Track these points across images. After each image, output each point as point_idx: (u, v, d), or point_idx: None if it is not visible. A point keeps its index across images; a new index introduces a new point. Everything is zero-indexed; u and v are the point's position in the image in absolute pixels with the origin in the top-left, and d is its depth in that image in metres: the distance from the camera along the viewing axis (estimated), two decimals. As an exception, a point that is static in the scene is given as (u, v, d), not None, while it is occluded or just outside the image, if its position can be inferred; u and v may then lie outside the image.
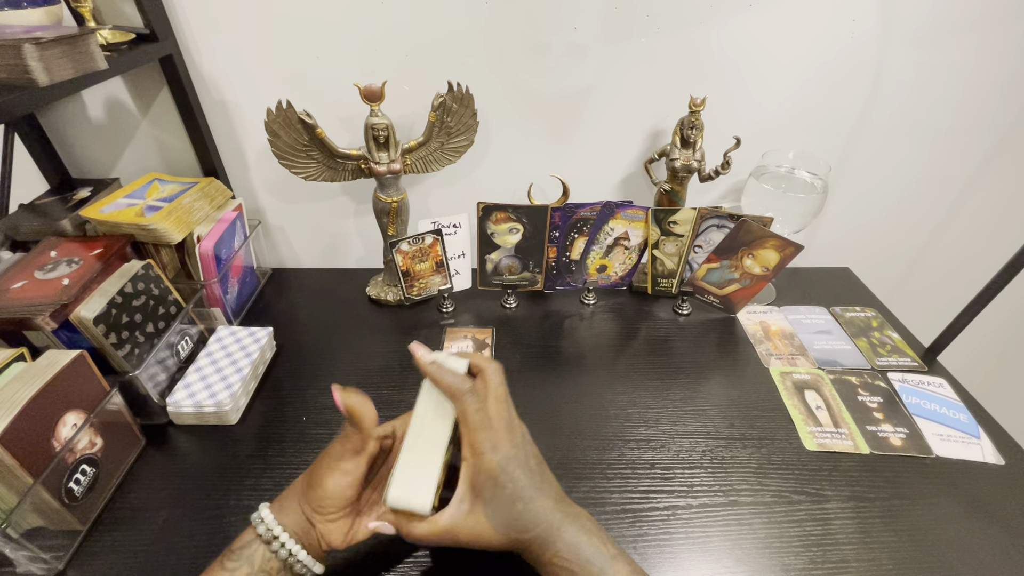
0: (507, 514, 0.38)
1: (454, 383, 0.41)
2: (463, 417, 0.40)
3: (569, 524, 0.38)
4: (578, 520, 0.39)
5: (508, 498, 0.38)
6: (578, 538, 0.38)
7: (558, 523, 0.38)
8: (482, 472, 0.39)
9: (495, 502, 0.38)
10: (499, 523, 0.38)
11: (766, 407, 0.63)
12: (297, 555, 0.38)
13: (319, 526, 0.41)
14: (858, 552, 0.48)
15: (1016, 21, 0.68)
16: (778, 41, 0.70)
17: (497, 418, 0.40)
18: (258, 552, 0.38)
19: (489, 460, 0.39)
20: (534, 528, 0.38)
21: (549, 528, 0.38)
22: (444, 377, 0.41)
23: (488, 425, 0.39)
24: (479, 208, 0.71)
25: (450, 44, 0.69)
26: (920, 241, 0.90)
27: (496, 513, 0.38)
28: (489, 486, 0.38)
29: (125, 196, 0.68)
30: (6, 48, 0.45)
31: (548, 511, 0.39)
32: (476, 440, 0.39)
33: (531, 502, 0.38)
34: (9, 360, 0.48)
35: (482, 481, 0.38)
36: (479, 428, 0.39)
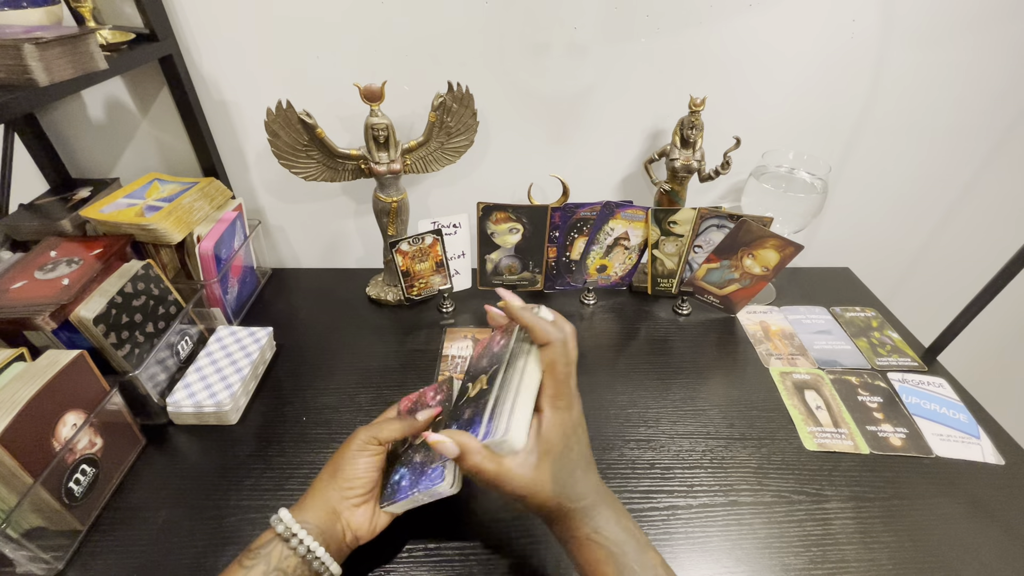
0: (568, 478, 0.38)
1: (550, 331, 0.38)
2: (552, 366, 0.38)
3: (609, 504, 0.38)
4: (616, 503, 0.39)
5: (572, 462, 0.38)
6: (617, 519, 0.38)
7: (601, 500, 0.38)
8: (560, 427, 0.38)
9: (562, 463, 0.37)
10: (560, 485, 0.37)
11: (766, 407, 0.63)
12: (315, 551, 0.39)
13: (345, 514, 0.42)
14: (858, 552, 0.48)
15: (1015, 21, 0.68)
16: (778, 41, 0.70)
17: (573, 380, 0.39)
18: (275, 551, 0.38)
19: (567, 417, 0.38)
20: (583, 499, 0.38)
21: (595, 503, 0.38)
22: (539, 322, 0.39)
23: (569, 381, 0.38)
24: (479, 208, 0.71)
25: (450, 44, 0.69)
26: (920, 241, 0.90)
27: (560, 474, 0.37)
28: (561, 444, 0.38)
29: (125, 196, 0.68)
30: (6, 48, 0.45)
31: (596, 486, 0.39)
32: (559, 394, 0.38)
33: (587, 472, 0.39)
34: (9, 360, 0.48)
35: (557, 436, 0.38)
36: (564, 382, 0.38)
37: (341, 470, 0.43)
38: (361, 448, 0.43)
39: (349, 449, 0.44)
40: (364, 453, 0.43)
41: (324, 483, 0.43)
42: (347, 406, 0.63)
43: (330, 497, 0.42)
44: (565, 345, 0.39)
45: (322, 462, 0.55)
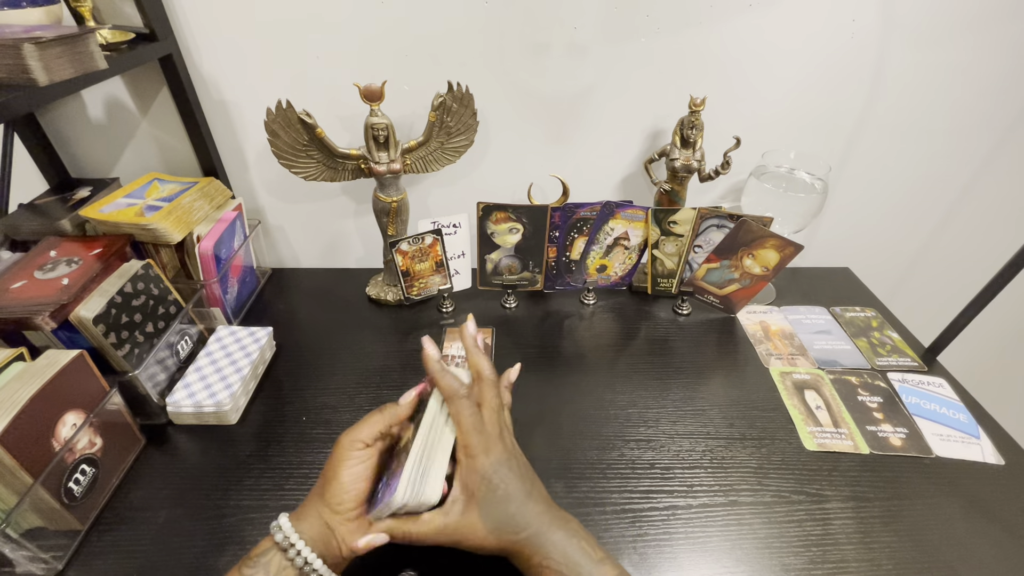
0: (500, 515, 0.39)
1: (451, 386, 0.42)
2: (457, 419, 0.41)
3: (558, 528, 0.39)
4: (567, 524, 0.40)
5: (500, 499, 0.39)
6: (567, 542, 0.39)
7: (547, 526, 0.39)
8: (476, 472, 0.40)
9: (488, 503, 0.39)
10: (492, 524, 0.39)
11: (766, 407, 0.63)
12: (312, 563, 0.38)
13: (339, 528, 0.41)
14: (858, 552, 0.48)
15: (1015, 21, 0.68)
16: (778, 40, 0.70)
17: (490, 424, 0.42)
18: (274, 560, 0.38)
19: (483, 462, 0.40)
20: (525, 530, 0.39)
21: (539, 531, 0.39)
22: (444, 378, 0.43)
23: (481, 429, 0.41)
24: (479, 208, 0.71)
25: (450, 44, 0.69)
26: (920, 241, 0.90)
27: (489, 514, 0.39)
28: (483, 487, 0.40)
29: (125, 196, 0.68)
30: (6, 48, 0.45)
31: (539, 514, 0.40)
32: (470, 443, 0.41)
33: (522, 505, 0.40)
34: (9, 360, 0.48)
35: (476, 481, 0.40)
36: (472, 431, 0.41)
37: (328, 486, 0.41)
38: (345, 456, 0.42)
39: (334, 458, 0.42)
40: (349, 461, 0.42)
41: (315, 499, 0.42)
42: (347, 406, 0.63)
43: (322, 512, 0.41)
44: (470, 399, 0.42)
45: (322, 462, 0.55)
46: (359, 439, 0.43)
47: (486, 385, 0.44)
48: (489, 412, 0.42)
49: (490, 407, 0.43)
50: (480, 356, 0.45)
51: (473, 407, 0.42)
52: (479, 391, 0.44)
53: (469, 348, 0.46)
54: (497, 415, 0.43)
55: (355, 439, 0.43)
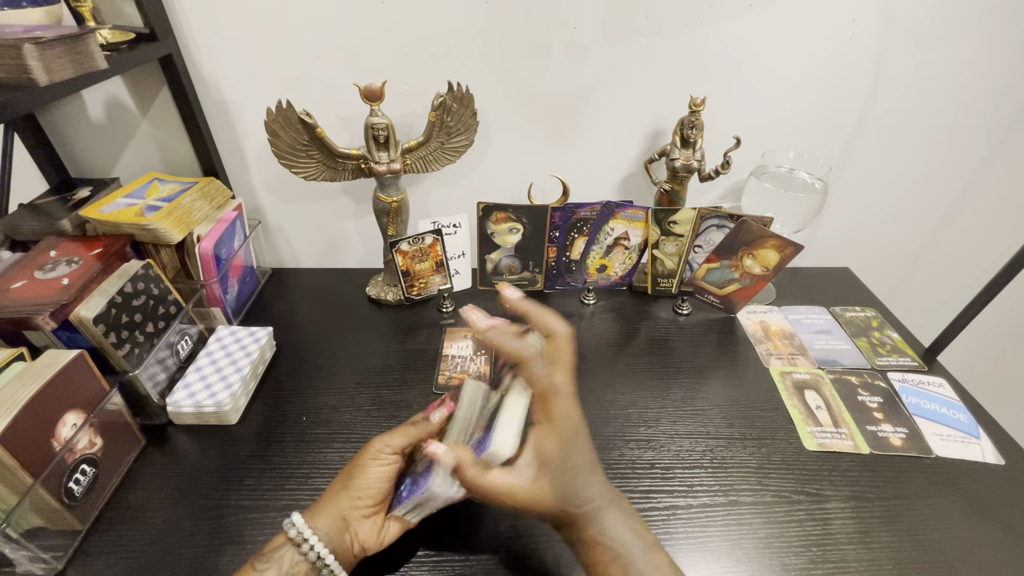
0: (570, 485, 0.37)
1: (519, 349, 0.38)
2: (532, 382, 0.38)
3: (616, 505, 0.38)
4: (623, 503, 0.39)
5: (573, 469, 0.38)
6: (624, 520, 0.38)
7: (608, 502, 0.38)
8: (555, 439, 0.37)
9: (562, 471, 0.37)
10: (561, 493, 0.37)
11: (766, 407, 0.63)
12: (325, 559, 0.39)
13: (354, 524, 0.42)
14: (858, 552, 0.48)
15: (1015, 21, 0.68)
16: (778, 40, 0.70)
17: (569, 385, 0.38)
18: (287, 556, 0.38)
19: (564, 428, 0.38)
20: (589, 503, 0.37)
21: (600, 505, 0.37)
22: (507, 343, 0.38)
23: (562, 391, 0.38)
24: (479, 208, 0.71)
25: (450, 44, 0.69)
26: (920, 241, 0.90)
27: (561, 482, 0.37)
28: (560, 454, 0.37)
29: (125, 196, 0.68)
30: (6, 48, 0.45)
31: (603, 488, 0.38)
32: (550, 406, 0.37)
33: (591, 475, 0.38)
34: (9, 360, 0.48)
35: (553, 449, 0.37)
36: (552, 394, 0.37)
37: (353, 478, 0.43)
38: (374, 457, 0.43)
39: (362, 457, 0.44)
40: (377, 462, 0.43)
41: (336, 490, 0.43)
42: (347, 406, 0.63)
43: (341, 505, 0.42)
44: (569, 339, 0.39)
45: (322, 462, 0.56)
46: (391, 445, 0.44)
47: (562, 341, 0.39)
48: (567, 371, 0.38)
49: (568, 365, 0.39)
50: (546, 311, 0.40)
51: (548, 367, 0.38)
52: (553, 348, 0.39)
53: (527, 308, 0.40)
54: (573, 375, 0.39)
55: (388, 444, 0.44)
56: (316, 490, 0.52)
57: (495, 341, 0.39)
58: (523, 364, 0.38)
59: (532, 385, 0.38)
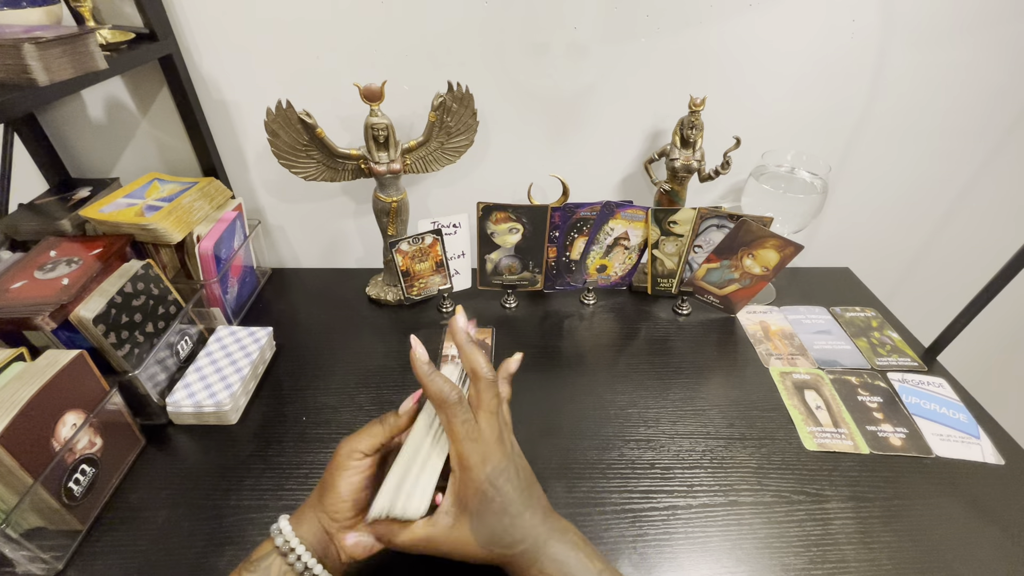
0: (493, 529, 0.37)
1: (441, 391, 0.39)
2: (448, 427, 0.38)
3: (556, 539, 0.38)
4: (565, 535, 0.38)
5: (495, 513, 0.37)
6: (564, 553, 0.37)
7: (544, 538, 0.38)
8: (470, 485, 0.37)
9: (481, 516, 0.37)
10: (484, 538, 0.37)
11: (766, 407, 0.63)
12: (313, 569, 0.38)
13: (336, 536, 0.40)
14: (858, 552, 0.48)
15: (1015, 21, 0.68)
16: (778, 40, 0.70)
17: (488, 429, 0.39)
18: (275, 564, 0.38)
19: (478, 473, 0.37)
20: (520, 544, 0.37)
21: (535, 543, 0.37)
22: (433, 383, 0.39)
23: (476, 437, 0.38)
24: (479, 208, 0.71)
25: (450, 44, 0.69)
26: (920, 241, 0.90)
27: (482, 527, 0.37)
28: (476, 500, 0.37)
29: (125, 196, 0.68)
30: (6, 48, 0.45)
31: (535, 526, 0.38)
32: (464, 452, 0.38)
33: (518, 517, 0.38)
34: (9, 360, 0.48)
35: (469, 494, 0.37)
36: (466, 440, 0.38)
37: (326, 493, 0.41)
38: (342, 466, 0.41)
39: (331, 469, 0.42)
40: (346, 472, 0.41)
41: (314, 503, 0.41)
42: (347, 406, 0.63)
43: (320, 519, 0.40)
44: (463, 405, 0.39)
45: (322, 462, 0.56)
46: (358, 449, 0.41)
47: (483, 385, 0.40)
48: (487, 415, 0.39)
49: (488, 409, 0.39)
50: (474, 352, 0.41)
51: (467, 413, 0.38)
52: (475, 392, 0.40)
53: (461, 344, 0.41)
54: (496, 417, 0.40)
55: (354, 449, 0.41)
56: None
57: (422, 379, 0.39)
58: (442, 408, 0.38)
59: (448, 431, 0.39)
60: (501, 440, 0.39)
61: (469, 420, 0.38)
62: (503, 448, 0.39)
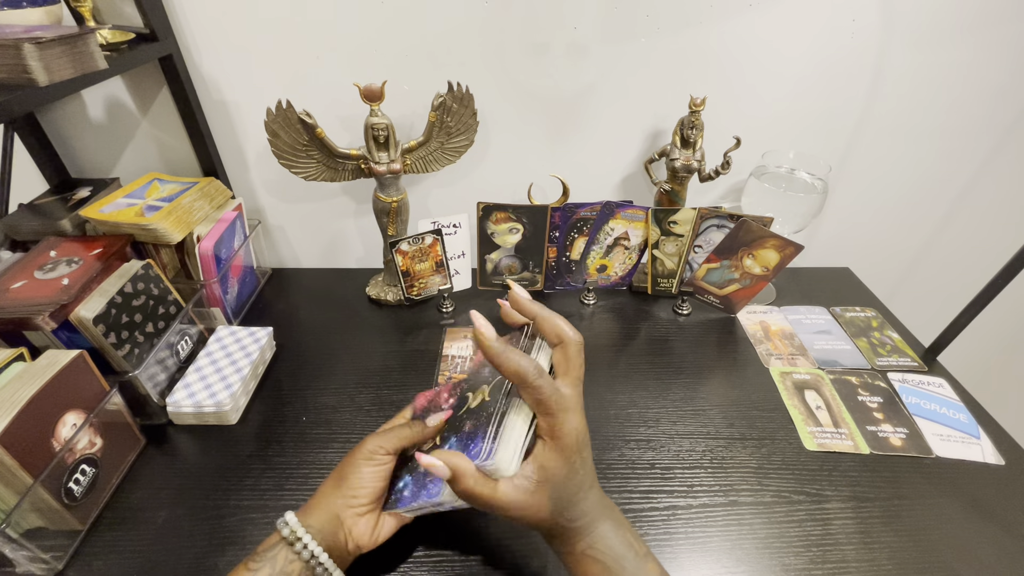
0: (569, 500, 0.37)
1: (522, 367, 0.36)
2: (537, 402, 0.36)
3: (608, 516, 0.38)
4: (613, 514, 0.38)
5: (575, 484, 0.37)
6: (614, 532, 0.37)
7: (600, 515, 0.37)
8: (561, 456, 0.36)
9: (561, 487, 0.36)
10: (558, 507, 0.36)
11: (766, 407, 0.63)
12: (319, 557, 0.39)
13: (348, 522, 0.42)
14: (858, 552, 0.48)
15: (1015, 21, 0.68)
16: (778, 40, 0.70)
17: (576, 398, 0.37)
18: (281, 554, 0.38)
19: (568, 444, 0.36)
20: (583, 517, 0.37)
21: (592, 518, 0.37)
22: (511, 360, 0.36)
23: (569, 407, 0.36)
24: (479, 208, 0.71)
25: (450, 44, 0.69)
26: (920, 241, 0.90)
27: (559, 498, 0.36)
28: (564, 471, 0.36)
29: (125, 196, 0.68)
30: (6, 48, 0.45)
31: (598, 500, 0.38)
32: (557, 424, 0.36)
33: (590, 489, 0.38)
34: (9, 360, 0.48)
35: (558, 466, 0.36)
36: (559, 411, 0.36)
37: (346, 478, 0.42)
38: (368, 457, 0.43)
39: (355, 457, 0.43)
40: (370, 463, 0.43)
41: (329, 489, 0.43)
42: (347, 406, 0.63)
43: (334, 504, 0.42)
44: (579, 347, 0.37)
45: (322, 462, 0.56)
46: (384, 446, 0.43)
47: (573, 350, 0.37)
48: (575, 382, 0.37)
49: (577, 376, 0.37)
50: (554, 317, 0.38)
51: (552, 384, 0.36)
52: (562, 357, 0.37)
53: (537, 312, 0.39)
54: (581, 384, 0.37)
55: (381, 445, 0.43)
56: (316, 490, 0.52)
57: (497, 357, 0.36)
58: (525, 383, 0.36)
59: (536, 403, 0.36)
60: (583, 408, 0.38)
61: (557, 391, 0.36)
62: (585, 421, 0.38)
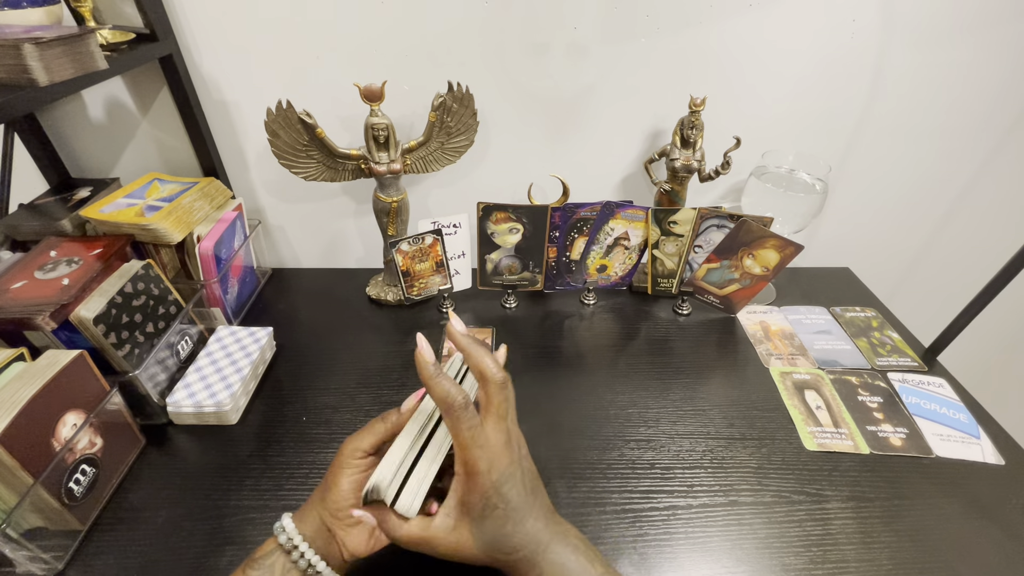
0: (495, 535, 0.36)
1: (448, 395, 0.37)
2: (455, 432, 0.37)
3: (557, 543, 0.37)
4: (566, 538, 0.38)
5: (498, 520, 0.36)
6: (565, 557, 0.37)
7: (546, 543, 0.37)
8: (475, 492, 0.36)
9: (483, 522, 0.36)
10: (485, 543, 0.36)
11: (766, 407, 0.63)
12: (316, 566, 0.38)
13: (339, 533, 0.40)
14: (858, 552, 0.48)
15: (1015, 21, 0.68)
16: (778, 40, 0.70)
17: (496, 433, 0.37)
18: (278, 562, 0.38)
19: (483, 481, 0.36)
20: (521, 549, 0.37)
21: (536, 548, 0.37)
22: (439, 385, 0.37)
23: (484, 443, 0.36)
24: (479, 208, 0.71)
25: (450, 44, 0.69)
26: (920, 241, 0.90)
27: (483, 533, 0.36)
28: (480, 506, 0.36)
29: (125, 196, 0.68)
30: (6, 48, 0.45)
31: (537, 531, 0.37)
32: (470, 458, 0.36)
33: (520, 524, 0.37)
34: (9, 360, 0.48)
35: (473, 500, 0.36)
36: (473, 446, 0.36)
37: (328, 492, 0.41)
38: (345, 465, 0.41)
39: (335, 465, 0.42)
40: (348, 470, 0.41)
41: (317, 501, 0.41)
42: (347, 406, 0.63)
43: (323, 516, 0.41)
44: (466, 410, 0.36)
45: (322, 462, 0.56)
46: (360, 448, 0.41)
47: (493, 388, 0.37)
48: (496, 420, 0.37)
49: (497, 414, 0.37)
50: (481, 353, 0.38)
51: (473, 418, 0.36)
52: (483, 395, 0.38)
53: (465, 346, 0.39)
54: (504, 422, 0.37)
55: (356, 448, 0.41)
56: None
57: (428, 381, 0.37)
58: (448, 413, 0.37)
59: (454, 435, 0.37)
60: (508, 445, 0.38)
61: (476, 426, 0.36)
62: (510, 454, 0.37)
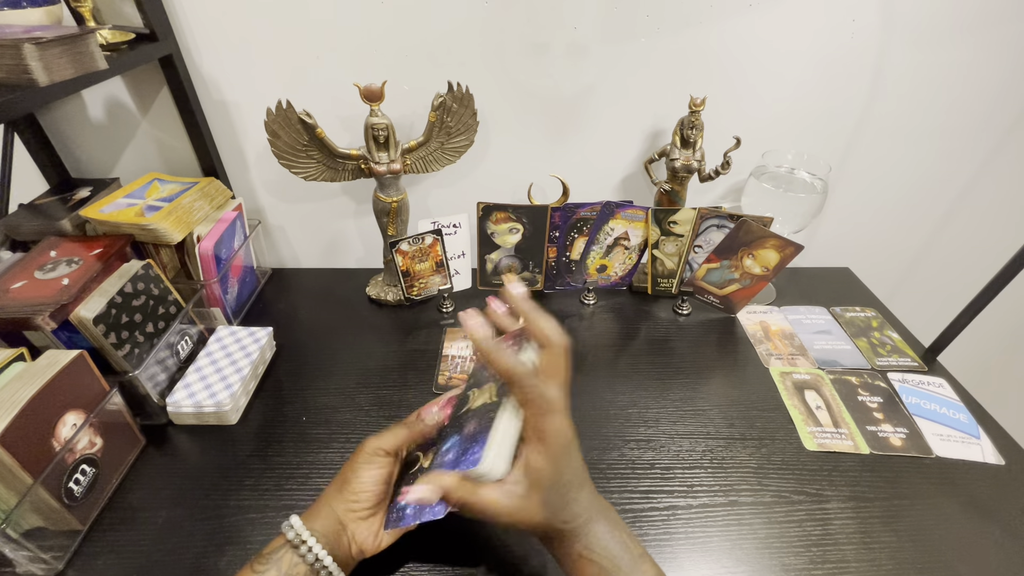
0: (559, 502, 0.37)
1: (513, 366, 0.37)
2: (526, 402, 0.37)
3: (603, 517, 0.38)
4: (608, 514, 0.38)
5: (564, 486, 0.37)
6: (609, 533, 0.37)
7: (594, 515, 0.37)
8: (547, 457, 0.36)
9: (552, 490, 0.37)
10: (550, 510, 0.37)
11: (766, 407, 0.63)
12: (323, 560, 0.39)
13: (351, 526, 0.42)
14: (858, 552, 0.48)
15: (1015, 21, 0.68)
16: (778, 40, 0.70)
17: (562, 400, 0.37)
18: (285, 557, 0.39)
19: (555, 446, 0.36)
20: (577, 518, 0.37)
21: (587, 520, 0.37)
22: (503, 358, 0.37)
23: (554, 408, 0.37)
24: (479, 208, 0.71)
25: (450, 44, 0.69)
26: (920, 241, 0.90)
27: (550, 500, 0.37)
28: (550, 473, 0.36)
29: (125, 196, 0.68)
30: (6, 48, 0.45)
31: (590, 502, 0.38)
32: (541, 425, 0.36)
33: (579, 491, 0.38)
34: (9, 360, 0.48)
35: (543, 467, 0.36)
36: (545, 412, 0.36)
37: (348, 483, 0.42)
38: (367, 460, 0.43)
39: (355, 461, 0.43)
40: (370, 465, 0.43)
41: (332, 493, 0.43)
42: (347, 406, 0.63)
43: (337, 508, 0.42)
44: (564, 351, 0.37)
45: (322, 462, 0.56)
46: (382, 447, 0.43)
47: (556, 352, 0.37)
48: (559, 388, 0.37)
49: (561, 380, 0.37)
50: (543, 318, 0.38)
51: (540, 385, 0.36)
52: (548, 361, 0.38)
53: (527, 311, 0.39)
54: (567, 388, 0.38)
55: (379, 447, 0.43)
56: (316, 490, 0.52)
57: (489, 354, 0.37)
58: (515, 382, 0.37)
59: (524, 403, 0.37)
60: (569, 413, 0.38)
61: (544, 393, 0.37)
62: (570, 420, 0.38)
